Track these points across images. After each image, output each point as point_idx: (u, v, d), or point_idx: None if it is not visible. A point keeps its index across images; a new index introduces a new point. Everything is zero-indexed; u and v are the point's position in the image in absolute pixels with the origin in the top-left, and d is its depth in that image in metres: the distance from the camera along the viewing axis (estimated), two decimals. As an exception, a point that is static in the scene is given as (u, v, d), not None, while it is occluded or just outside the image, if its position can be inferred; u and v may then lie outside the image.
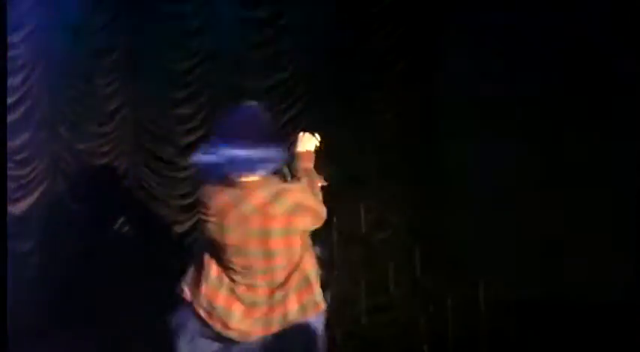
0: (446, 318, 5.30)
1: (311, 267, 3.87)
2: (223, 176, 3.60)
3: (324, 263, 4.08)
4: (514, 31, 7.17)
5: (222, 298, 3.78)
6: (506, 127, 7.20)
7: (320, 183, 3.94)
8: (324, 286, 3.95)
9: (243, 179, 3.62)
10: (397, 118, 7.68)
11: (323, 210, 3.87)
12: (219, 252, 3.76)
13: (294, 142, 4.09)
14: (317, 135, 4.14)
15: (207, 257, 3.82)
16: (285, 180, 3.88)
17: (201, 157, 3.51)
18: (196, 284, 3.84)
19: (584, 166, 6.92)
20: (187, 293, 3.88)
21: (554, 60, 7.09)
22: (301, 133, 4.15)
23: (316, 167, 4.10)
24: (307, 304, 3.80)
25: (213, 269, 3.81)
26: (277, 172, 3.79)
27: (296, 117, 7.73)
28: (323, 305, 3.88)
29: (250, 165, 3.54)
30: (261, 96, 7.71)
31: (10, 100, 8.20)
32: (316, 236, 4.03)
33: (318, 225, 3.87)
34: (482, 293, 5.03)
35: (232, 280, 3.76)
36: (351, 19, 7.65)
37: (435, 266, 6.98)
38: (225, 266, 3.78)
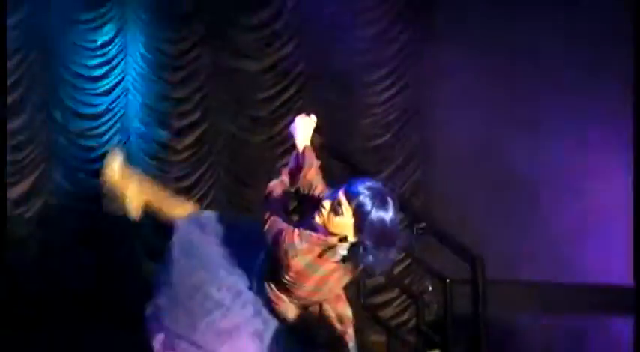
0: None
1: None
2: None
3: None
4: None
5: None
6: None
7: (320, 190, 3.91)
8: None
9: None
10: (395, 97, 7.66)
11: None
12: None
13: (291, 125, 4.07)
14: (313, 116, 4.12)
15: None
16: None
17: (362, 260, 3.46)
18: None
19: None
20: None
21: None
22: (298, 116, 4.13)
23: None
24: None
25: None
26: None
27: (291, 99, 7.70)
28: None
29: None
30: (256, 77, 7.74)
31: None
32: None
33: None
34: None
35: None
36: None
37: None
38: None
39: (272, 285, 3.62)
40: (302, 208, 3.94)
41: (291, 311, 3.63)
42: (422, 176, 7.70)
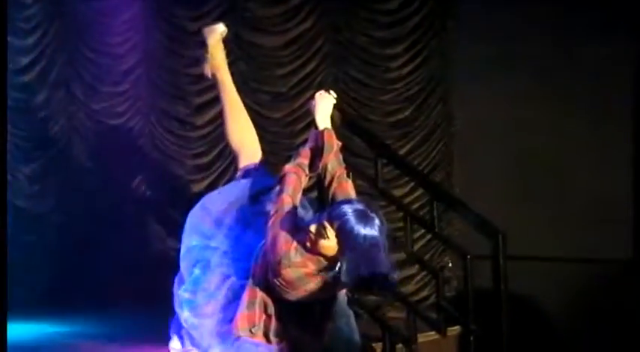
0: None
1: None
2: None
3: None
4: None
5: None
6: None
7: (339, 173, 3.88)
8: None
9: None
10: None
11: None
12: None
13: (312, 102, 4.05)
14: (333, 92, 4.09)
15: None
16: None
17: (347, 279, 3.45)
18: None
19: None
20: None
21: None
22: (318, 92, 4.11)
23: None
24: None
25: None
26: None
27: (311, 74, 7.65)
28: None
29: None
30: (276, 52, 7.70)
31: (24, 61, 8.22)
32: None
33: None
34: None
35: None
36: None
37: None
38: None
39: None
40: (321, 197, 3.93)
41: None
42: (443, 151, 7.64)
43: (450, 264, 7.38)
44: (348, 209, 3.39)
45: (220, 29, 4.66)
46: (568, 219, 7.01)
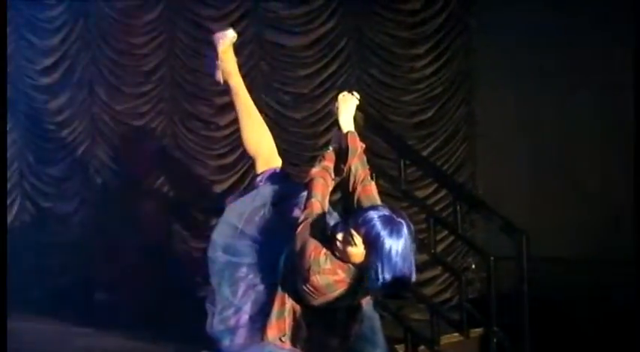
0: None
1: None
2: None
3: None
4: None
5: None
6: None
7: (363, 176, 3.87)
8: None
9: None
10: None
11: None
12: None
13: (334, 103, 4.04)
14: (356, 93, 4.09)
15: None
16: None
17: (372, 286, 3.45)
18: None
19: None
20: None
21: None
22: (341, 94, 4.10)
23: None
24: None
25: None
26: None
27: (334, 74, 7.64)
28: None
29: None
30: (299, 52, 7.69)
31: (48, 62, 8.26)
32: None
33: None
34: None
35: None
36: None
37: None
38: None
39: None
40: (345, 199, 3.92)
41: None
42: (466, 152, 7.62)
43: (474, 266, 7.35)
44: (374, 215, 3.38)
45: (230, 35, 4.66)
46: (592, 220, 6.97)
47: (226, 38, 4.66)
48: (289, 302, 3.65)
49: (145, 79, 8.06)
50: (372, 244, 3.33)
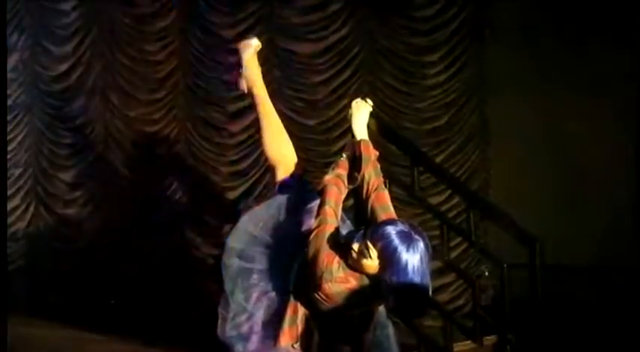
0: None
1: None
2: None
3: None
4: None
5: None
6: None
7: (376, 184, 3.86)
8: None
9: None
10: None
11: None
12: None
13: (348, 110, 4.05)
14: (369, 100, 4.09)
15: None
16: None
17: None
18: None
19: None
20: None
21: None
22: (354, 101, 4.11)
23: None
24: None
25: None
26: None
27: (347, 82, 7.64)
28: None
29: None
30: (312, 60, 7.69)
31: (62, 68, 8.30)
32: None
33: None
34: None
35: None
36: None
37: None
38: None
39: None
40: (358, 207, 3.91)
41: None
42: (480, 158, 7.61)
43: (487, 273, 7.33)
44: (392, 230, 3.35)
45: (255, 43, 4.67)
46: (606, 227, 6.95)
47: (251, 47, 4.67)
48: (302, 310, 3.64)
49: (159, 85, 8.09)
50: (389, 259, 3.31)
